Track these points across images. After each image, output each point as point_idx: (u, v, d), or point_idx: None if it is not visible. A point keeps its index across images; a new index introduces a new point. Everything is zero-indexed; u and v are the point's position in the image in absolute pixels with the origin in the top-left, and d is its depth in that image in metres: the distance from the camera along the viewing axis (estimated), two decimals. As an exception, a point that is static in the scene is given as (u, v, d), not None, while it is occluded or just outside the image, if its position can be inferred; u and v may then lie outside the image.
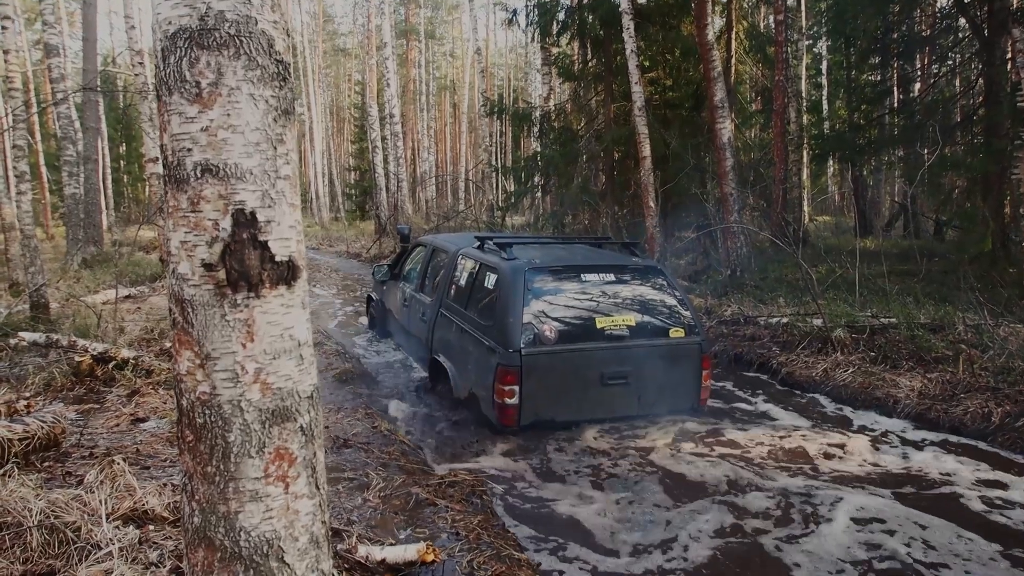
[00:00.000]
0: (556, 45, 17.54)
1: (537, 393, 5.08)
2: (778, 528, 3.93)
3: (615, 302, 5.42)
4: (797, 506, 4.17)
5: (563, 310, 5.30)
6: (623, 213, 14.91)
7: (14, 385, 5.73)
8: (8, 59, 9.35)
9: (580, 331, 5.24)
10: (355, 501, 3.78)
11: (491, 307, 5.40)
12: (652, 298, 5.60)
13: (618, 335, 5.28)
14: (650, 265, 5.89)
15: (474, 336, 5.48)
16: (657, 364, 5.33)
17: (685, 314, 5.59)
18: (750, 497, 4.30)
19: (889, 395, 5.94)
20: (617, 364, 5.25)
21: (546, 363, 5.10)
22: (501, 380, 5.02)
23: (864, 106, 15.43)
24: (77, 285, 11.47)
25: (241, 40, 1.57)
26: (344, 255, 20.40)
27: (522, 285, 5.19)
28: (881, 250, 11.00)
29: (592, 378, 5.21)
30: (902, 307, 7.98)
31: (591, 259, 5.84)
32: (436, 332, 6.25)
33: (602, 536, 3.84)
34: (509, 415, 5.07)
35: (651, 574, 3.48)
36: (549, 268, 5.46)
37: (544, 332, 5.12)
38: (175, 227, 1.62)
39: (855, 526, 3.93)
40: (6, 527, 3.08)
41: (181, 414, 1.69)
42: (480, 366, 5.34)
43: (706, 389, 5.60)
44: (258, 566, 1.69)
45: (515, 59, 46.46)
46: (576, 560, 3.60)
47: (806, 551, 3.68)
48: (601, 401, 5.31)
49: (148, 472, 3.99)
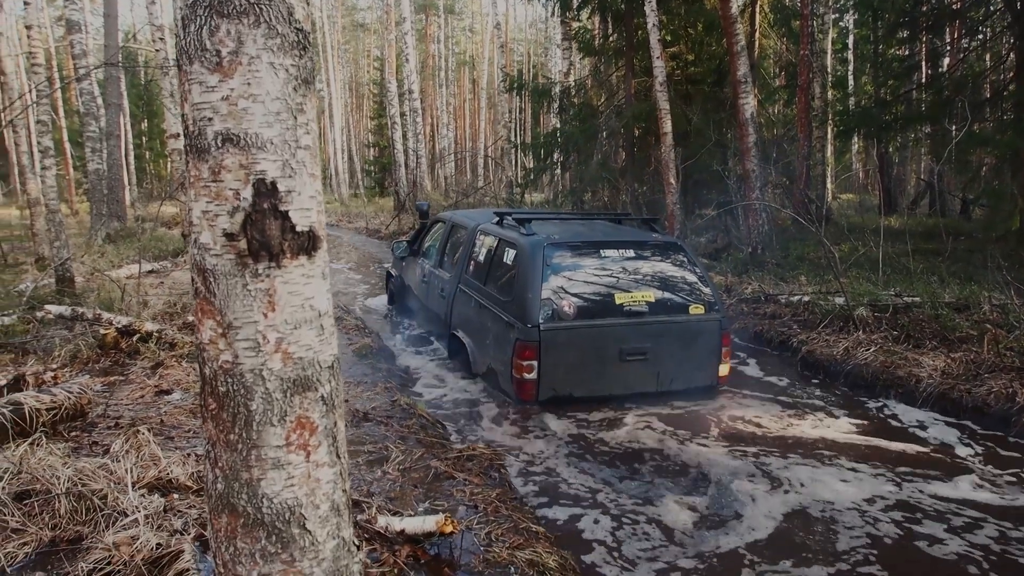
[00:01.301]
0: (576, 19, 17.34)
1: (555, 368, 5.10)
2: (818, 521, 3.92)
3: (634, 278, 5.39)
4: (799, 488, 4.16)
5: (582, 286, 5.28)
6: (643, 190, 14.80)
7: (41, 357, 5.84)
8: (31, 35, 9.41)
9: (599, 307, 5.23)
10: (375, 473, 3.83)
11: (510, 283, 5.40)
12: (672, 274, 5.57)
13: (637, 311, 5.26)
14: (670, 241, 5.85)
15: (493, 311, 5.49)
16: (676, 341, 5.33)
17: (705, 291, 5.55)
18: (767, 482, 4.29)
19: (911, 374, 5.88)
20: (636, 340, 5.23)
21: (564, 338, 5.10)
22: (519, 355, 5.05)
23: (891, 81, 15.13)
24: (101, 259, 11.62)
25: (261, 8, 1.56)
26: (363, 231, 20.47)
27: (541, 260, 5.19)
28: (906, 228, 10.86)
29: (611, 354, 5.20)
30: (926, 286, 7.87)
31: (610, 235, 5.81)
32: (455, 308, 6.27)
33: (618, 513, 3.86)
34: (527, 390, 5.11)
35: (664, 549, 3.50)
36: (568, 244, 5.44)
37: (563, 307, 5.12)
38: (197, 197, 1.62)
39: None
40: (35, 494, 3.16)
41: (204, 383, 1.71)
42: (499, 341, 5.36)
43: (726, 367, 5.58)
44: (280, 532, 1.71)
45: (535, 34, 46.00)
46: (592, 535, 3.63)
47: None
48: (619, 377, 5.30)
49: (172, 442, 4.06)
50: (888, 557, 3.43)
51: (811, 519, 3.79)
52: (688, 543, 3.54)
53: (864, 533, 3.64)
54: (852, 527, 3.70)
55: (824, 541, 3.56)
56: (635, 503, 3.94)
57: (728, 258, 10.97)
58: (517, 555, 3.04)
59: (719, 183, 12.29)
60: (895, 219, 14.87)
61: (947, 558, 3.43)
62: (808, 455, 4.60)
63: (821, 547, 3.51)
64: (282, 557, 1.73)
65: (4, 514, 3.00)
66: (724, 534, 3.63)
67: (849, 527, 3.70)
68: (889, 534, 3.63)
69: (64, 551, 2.81)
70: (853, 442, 4.86)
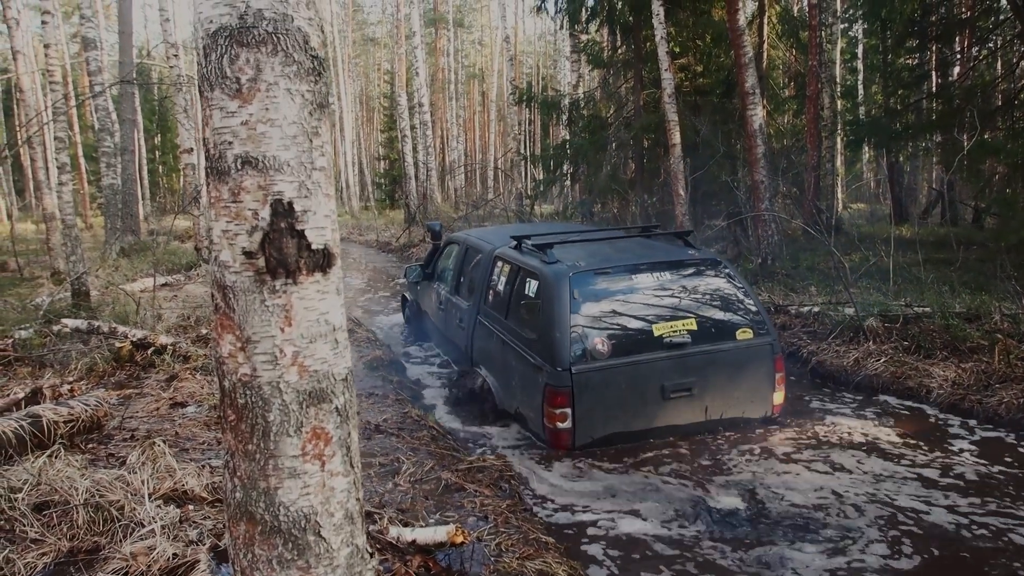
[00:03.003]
0: (585, 32, 17.46)
1: (592, 413, 4.65)
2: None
3: (673, 304, 4.93)
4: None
5: (615, 317, 4.82)
6: (652, 201, 14.84)
7: (58, 370, 5.94)
8: (48, 53, 9.59)
9: (636, 341, 4.78)
10: (386, 485, 3.88)
11: (534, 318, 4.95)
12: (714, 296, 5.09)
13: (679, 342, 4.79)
14: (709, 258, 5.36)
15: (517, 350, 5.02)
16: (724, 371, 4.89)
17: (752, 311, 5.09)
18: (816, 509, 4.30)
19: (922, 384, 5.88)
20: (679, 375, 4.77)
21: (600, 380, 4.63)
22: (551, 403, 4.60)
23: (901, 91, 15.13)
24: (116, 273, 11.77)
25: (278, 37, 1.64)
26: (374, 244, 20.60)
27: (567, 293, 4.72)
28: (917, 238, 10.84)
29: (652, 392, 4.75)
30: (937, 296, 7.86)
31: (642, 256, 5.25)
32: (476, 342, 5.83)
33: (630, 521, 3.89)
34: (563, 439, 4.67)
35: (681, 560, 3.52)
36: (596, 270, 4.96)
37: (595, 346, 4.67)
38: (217, 217, 1.69)
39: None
40: (54, 505, 3.22)
41: (223, 395, 1.78)
42: (526, 384, 4.92)
43: (780, 394, 5.12)
44: (296, 539, 1.77)
45: (544, 47, 46.24)
46: (604, 546, 3.66)
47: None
48: (664, 416, 4.84)
49: (187, 454, 4.13)
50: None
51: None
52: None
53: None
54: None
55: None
56: (651, 515, 3.96)
57: (738, 269, 10.97)
58: (527, 565, 3.07)
59: (728, 194, 12.31)
60: (906, 229, 14.84)
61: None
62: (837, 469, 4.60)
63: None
64: (298, 563, 1.79)
65: (24, 525, 3.07)
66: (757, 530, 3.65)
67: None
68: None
69: (82, 561, 2.87)
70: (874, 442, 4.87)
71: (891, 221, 13.40)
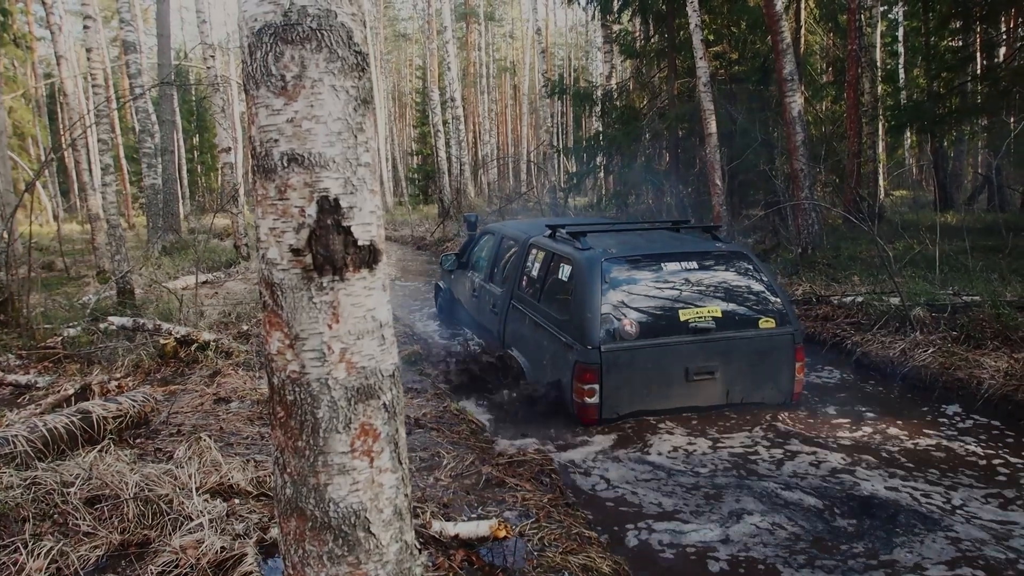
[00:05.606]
0: (617, 22, 17.31)
1: (618, 390, 4.91)
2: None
3: (699, 292, 5.17)
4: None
5: (643, 302, 5.07)
6: (688, 192, 14.68)
7: (105, 367, 6.07)
8: (91, 57, 9.79)
9: (663, 324, 5.02)
10: (428, 479, 3.89)
11: (567, 301, 5.22)
12: (739, 286, 5.32)
13: (703, 327, 5.03)
14: (735, 250, 5.58)
15: (549, 331, 5.31)
16: (746, 358, 5.12)
17: (775, 302, 5.29)
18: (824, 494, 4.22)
19: (972, 375, 5.71)
20: (703, 359, 5.03)
21: (627, 359, 4.89)
22: (580, 379, 4.87)
23: (944, 74, 14.70)
24: (158, 271, 12.00)
25: (322, 33, 1.63)
26: (408, 240, 20.70)
27: (599, 277, 4.99)
28: (963, 225, 10.53)
29: (676, 374, 5.01)
30: (986, 284, 7.63)
31: (671, 246, 5.55)
32: (508, 325, 6.13)
33: (668, 518, 3.85)
34: (590, 414, 4.93)
35: (716, 559, 3.48)
36: (627, 258, 5.23)
37: (624, 327, 4.91)
38: (264, 215, 1.70)
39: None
40: (105, 499, 3.29)
41: (272, 392, 1.78)
42: (557, 362, 5.18)
43: (799, 382, 5.33)
44: (346, 535, 1.78)
45: (575, 38, 45.95)
46: (645, 539, 3.63)
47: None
48: (686, 396, 5.11)
49: (232, 449, 4.19)
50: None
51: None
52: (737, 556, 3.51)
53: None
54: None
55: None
56: (686, 512, 3.92)
57: (777, 259, 10.79)
58: (570, 560, 3.05)
59: (766, 183, 12.12)
60: (951, 215, 14.44)
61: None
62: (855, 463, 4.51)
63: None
64: (348, 560, 1.79)
65: (76, 518, 3.14)
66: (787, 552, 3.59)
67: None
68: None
69: (133, 554, 2.93)
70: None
71: (935, 208, 13.03)
